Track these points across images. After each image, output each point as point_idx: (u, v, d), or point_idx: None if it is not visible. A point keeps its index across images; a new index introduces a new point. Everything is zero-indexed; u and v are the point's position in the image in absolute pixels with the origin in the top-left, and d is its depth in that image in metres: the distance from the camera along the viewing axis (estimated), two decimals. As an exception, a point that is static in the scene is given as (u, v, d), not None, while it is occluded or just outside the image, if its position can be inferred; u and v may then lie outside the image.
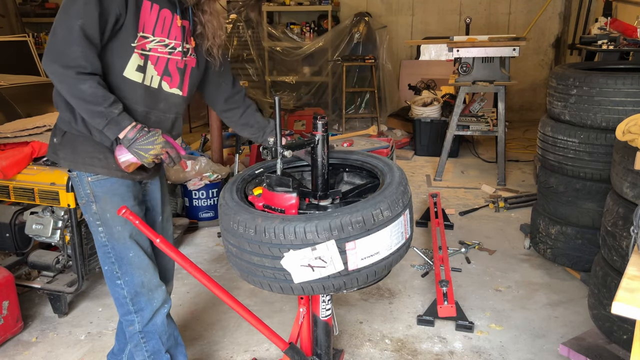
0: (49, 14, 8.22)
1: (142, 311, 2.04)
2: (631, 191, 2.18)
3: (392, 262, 1.68)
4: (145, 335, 2.07)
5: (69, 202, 2.70)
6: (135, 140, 1.77)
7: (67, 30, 1.69)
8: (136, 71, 1.84)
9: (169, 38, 1.88)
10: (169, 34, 1.87)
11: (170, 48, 1.89)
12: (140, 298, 2.02)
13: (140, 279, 2.01)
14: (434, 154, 5.87)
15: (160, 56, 1.88)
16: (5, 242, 2.94)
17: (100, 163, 1.89)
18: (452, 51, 4.90)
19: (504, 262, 3.50)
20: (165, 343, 2.12)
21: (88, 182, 1.92)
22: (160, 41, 1.86)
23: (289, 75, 7.87)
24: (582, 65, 3.61)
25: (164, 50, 1.88)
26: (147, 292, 2.03)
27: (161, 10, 1.85)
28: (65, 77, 1.70)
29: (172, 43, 1.89)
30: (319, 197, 1.83)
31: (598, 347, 2.37)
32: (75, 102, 1.75)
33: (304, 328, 2.06)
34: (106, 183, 1.92)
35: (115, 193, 1.94)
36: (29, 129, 2.83)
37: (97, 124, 1.76)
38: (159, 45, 1.86)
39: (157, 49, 1.86)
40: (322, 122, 1.79)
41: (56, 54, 1.70)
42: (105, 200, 1.93)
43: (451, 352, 2.59)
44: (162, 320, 2.09)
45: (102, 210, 1.94)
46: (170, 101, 1.96)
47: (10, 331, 2.70)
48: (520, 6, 7.66)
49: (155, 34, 1.84)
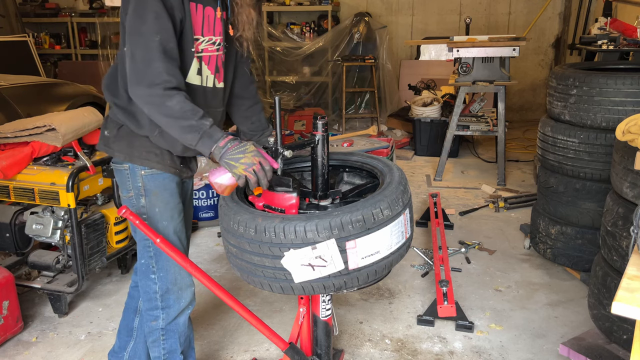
0: (49, 14, 8.23)
1: (169, 308, 2.03)
2: (631, 191, 2.18)
3: (392, 262, 1.68)
4: (167, 332, 2.07)
5: (69, 202, 2.70)
6: (227, 150, 1.68)
7: (145, 50, 1.66)
8: (196, 75, 1.84)
9: (215, 35, 1.86)
10: (214, 30, 1.85)
11: (217, 45, 1.88)
12: (170, 295, 2.02)
13: (174, 276, 2.01)
14: (434, 154, 5.87)
15: (211, 55, 1.87)
16: (5, 242, 2.94)
17: (156, 158, 1.90)
18: (452, 51, 4.90)
19: (504, 262, 3.50)
20: (182, 344, 2.12)
21: (141, 175, 1.91)
22: (209, 40, 1.84)
23: (289, 75, 7.86)
24: (582, 65, 3.61)
25: (213, 49, 1.87)
26: (177, 290, 2.03)
27: (205, 8, 1.81)
28: (152, 97, 1.67)
29: (217, 39, 1.87)
30: (319, 197, 1.84)
31: (598, 347, 2.37)
32: (166, 121, 1.70)
33: (304, 328, 2.07)
34: (159, 178, 1.92)
35: (166, 188, 1.94)
36: (29, 129, 2.82)
37: (190, 140, 1.70)
38: (209, 44, 1.85)
39: (207, 49, 1.85)
40: (322, 122, 1.79)
41: (139, 75, 1.66)
42: (155, 194, 1.93)
43: (451, 352, 2.59)
44: (184, 321, 2.10)
45: (151, 204, 1.94)
46: (219, 96, 1.97)
47: (10, 331, 2.70)
48: (520, 6, 7.66)
49: (204, 34, 1.82)
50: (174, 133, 1.73)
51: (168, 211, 1.96)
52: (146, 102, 1.69)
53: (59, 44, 8.42)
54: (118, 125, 1.91)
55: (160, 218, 1.95)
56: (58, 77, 7.12)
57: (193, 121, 1.68)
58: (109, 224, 3.03)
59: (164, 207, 1.95)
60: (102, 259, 2.99)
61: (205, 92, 1.89)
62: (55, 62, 8.04)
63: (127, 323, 2.28)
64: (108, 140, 1.95)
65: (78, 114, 2.99)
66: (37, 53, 6.16)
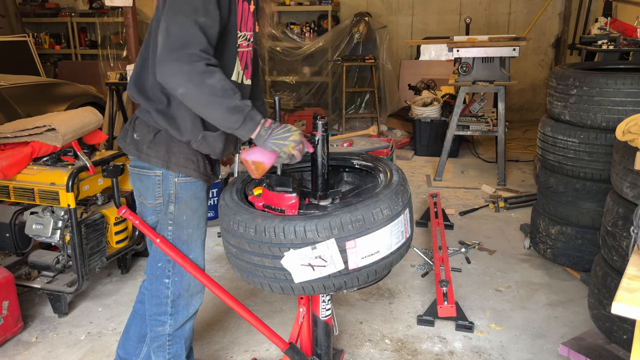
0: (49, 14, 8.23)
1: (178, 314, 2.00)
2: (631, 191, 2.18)
3: (392, 262, 1.68)
4: (173, 339, 2.03)
5: (69, 202, 2.70)
6: (273, 130, 1.62)
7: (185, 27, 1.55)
8: (237, 72, 1.81)
9: (249, 30, 1.79)
10: (247, 26, 1.78)
11: (249, 41, 1.82)
12: (180, 301, 1.98)
13: (188, 282, 1.97)
14: (434, 154, 5.87)
15: (245, 51, 1.81)
16: (5, 242, 2.94)
17: (193, 165, 1.85)
18: (452, 51, 4.90)
19: (504, 262, 3.50)
20: (187, 349, 2.10)
21: (175, 182, 1.86)
22: (243, 36, 1.78)
23: (289, 75, 7.86)
24: (582, 65, 3.61)
25: (246, 44, 1.80)
26: (188, 296, 2.00)
27: (243, 2, 1.74)
28: (192, 75, 1.53)
29: (249, 35, 1.81)
30: (319, 197, 1.83)
31: (598, 347, 2.37)
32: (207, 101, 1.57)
33: (304, 328, 2.06)
34: (192, 186, 1.88)
35: (197, 197, 1.91)
36: (29, 129, 2.82)
37: (234, 122, 1.60)
38: (244, 40, 1.78)
39: (242, 44, 1.78)
40: (322, 122, 1.79)
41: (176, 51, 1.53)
42: (186, 202, 1.89)
43: (451, 352, 2.59)
44: (190, 327, 2.08)
45: (180, 212, 1.89)
46: (246, 92, 1.91)
47: (10, 331, 2.70)
48: (520, 6, 7.66)
49: (242, 29, 1.76)
50: (216, 114, 1.60)
51: (196, 219, 1.93)
52: (185, 81, 1.54)
53: (59, 44, 8.42)
54: (155, 130, 1.83)
55: (186, 225, 1.91)
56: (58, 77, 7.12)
57: (237, 101, 1.58)
58: (109, 224, 3.03)
59: (192, 215, 1.91)
60: (102, 259, 2.99)
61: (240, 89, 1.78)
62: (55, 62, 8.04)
63: (139, 330, 2.19)
64: (139, 145, 1.85)
65: (78, 114, 2.99)
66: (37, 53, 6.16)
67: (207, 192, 1.99)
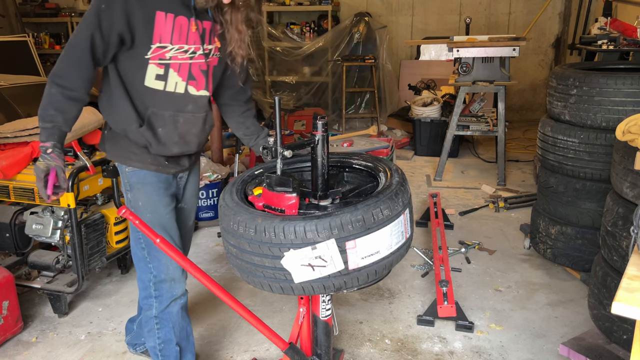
0: (49, 14, 8.22)
1: (162, 297, 2.13)
2: (631, 191, 2.18)
3: (392, 262, 1.68)
4: (160, 321, 2.16)
5: (69, 202, 2.70)
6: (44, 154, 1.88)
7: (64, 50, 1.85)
8: (156, 80, 1.92)
9: (188, 44, 1.91)
10: (187, 39, 1.90)
11: (191, 53, 1.93)
12: (162, 285, 2.12)
13: (167, 267, 2.10)
14: (434, 154, 5.87)
15: (182, 62, 1.93)
16: (5, 242, 2.94)
17: (136, 157, 2.03)
18: (452, 51, 4.90)
19: (504, 262, 3.50)
20: (177, 335, 2.19)
21: (125, 172, 2.07)
22: (179, 48, 1.90)
23: (289, 75, 7.86)
24: (582, 65, 3.61)
25: (185, 56, 1.92)
26: (170, 280, 2.12)
27: (177, 17, 1.87)
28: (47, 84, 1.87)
29: (191, 48, 1.92)
30: (319, 197, 1.84)
31: (598, 347, 2.37)
32: None
33: (304, 328, 2.06)
34: (139, 174, 2.05)
35: (147, 182, 2.06)
36: (29, 129, 2.82)
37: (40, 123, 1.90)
38: (179, 52, 1.91)
39: (177, 56, 1.91)
40: (322, 122, 1.79)
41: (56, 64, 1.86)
42: (138, 189, 2.07)
43: (451, 352, 2.59)
44: (177, 311, 2.17)
45: (135, 198, 2.08)
46: (199, 103, 2.04)
47: (10, 331, 2.70)
48: (520, 6, 7.66)
49: (174, 42, 1.88)
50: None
51: (151, 205, 2.06)
52: None
53: (59, 44, 8.41)
54: (108, 128, 2.08)
55: (144, 211, 2.06)
56: (58, 77, 7.10)
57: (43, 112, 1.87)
58: (109, 224, 3.03)
59: (147, 201, 2.06)
60: (102, 259, 2.99)
61: (173, 97, 1.96)
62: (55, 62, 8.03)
63: None
64: (103, 140, 2.12)
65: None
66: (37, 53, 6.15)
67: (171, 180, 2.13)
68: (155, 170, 2.05)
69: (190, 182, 2.27)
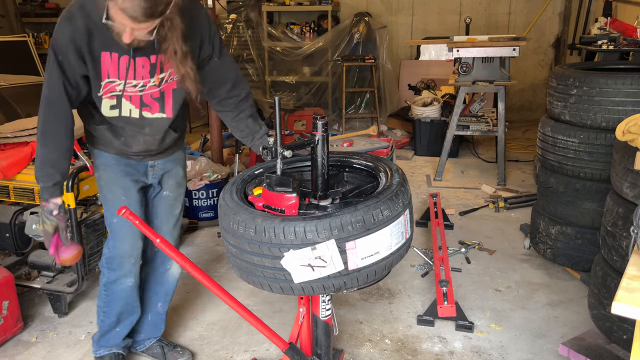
0: (49, 14, 8.22)
1: (111, 271, 2.32)
2: (631, 191, 2.18)
3: (392, 262, 1.68)
4: (107, 291, 2.36)
5: (68, 202, 2.69)
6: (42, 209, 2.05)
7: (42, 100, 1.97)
8: (111, 109, 2.04)
9: (136, 79, 1.99)
10: (134, 75, 1.99)
11: (140, 87, 2.01)
12: (113, 260, 2.30)
13: (117, 246, 2.28)
14: (434, 154, 5.87)
15: (133, 95, 2.02)
16: (5, 242, 2.94)
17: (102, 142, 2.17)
18: (452, 51, 4.90)
19: (504, 262, 3.50)
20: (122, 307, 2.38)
21: (93, 152, 2.24)
22: (128, 83, 1.99)
23: (289, 75, 7.86)
24: (582, 65, 3.61)
25: (135, 90, 2.02)
26: (120, 258, 2.29)
27: (121, 57, 1.95)
28: None
29: (139, 82, 2.01)
30: (319, 197, 1.83)
31: (598, 347, 2.37)
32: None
33: (304, 328, 2.06)
34: (103, 155, 2.20)
35: (108, 164, 2.20)
36: (29, 129, 2.82)
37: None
38: (128, 86, 2.00)
39: (127, 90, 2.01)
40: (322, 122, 1.79)
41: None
42: (101, 169, 2.22)
43: (451, 352, 2.59)
44: (124, 288, 2.34)
45: (98, 178, 2.25)
46: (155, 125, 2.12)
47: (10, 331, 2.70)
48: (520, 6, 7.66)
49: (121, 78, 1.98)
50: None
51: (109, 185, 2.21)
52: None
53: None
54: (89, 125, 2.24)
55: (105, 191, 2.25)
56: (58, 77, 7.10)
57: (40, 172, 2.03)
58: (109, 224, 3.03)
59: (107, 181, 2.22)
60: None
61: (130, 121, 2.07)
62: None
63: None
64: None
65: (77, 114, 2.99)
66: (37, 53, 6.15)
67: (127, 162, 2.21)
68: (115, 153, 2.18)
69: (172, 171, 2.35)
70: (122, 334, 2.45)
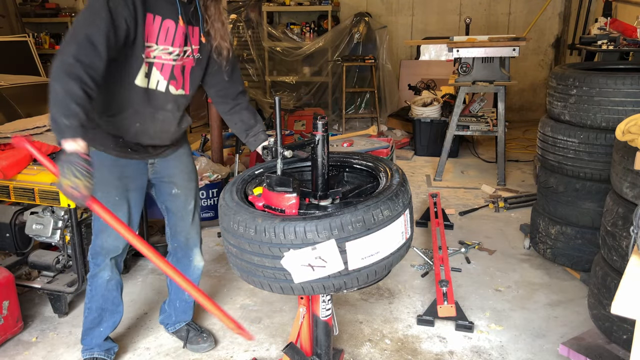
0: (49, 14, 8.22)
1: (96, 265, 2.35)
2: (631, 191, 2.18)
3: (392, 262, 1.68)
4: (91, 284, 2.39)
5: (69, 202, 2.70)
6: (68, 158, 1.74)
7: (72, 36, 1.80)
8: (144, 77, 2.03)
9: (173, 46, 2.03)
10: (172, 42, 2.03)
11: (175, 55, 2.06)
12: (98, 256, 2.34)
13: (101, 242, 2.30)
14: (434, 154, 5.87)
15: (165, 63, 2.05)
16: (5, 242, 2.94)
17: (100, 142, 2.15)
18: (452, 51, 4.90)
19: (504, 262, 3.50)
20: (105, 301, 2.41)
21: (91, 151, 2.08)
22: (164, 49, 2.02)
23: (289, 75, 7.86)
24: (582, 65, 3.61)
25: (169, 58, 2.04)
26: (104, 253, 2.33)
27: (164, 20, 1.99)
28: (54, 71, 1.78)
29: (175, 50, 2.05)
30: (319, 197, 1.84)
31: (598, 347, 2.37)
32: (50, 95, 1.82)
33: (304, 328, 2.06)
34: (100, 155, 2.16)
35: (103, 165, 2.16)
36: (29, 129, 2.83)
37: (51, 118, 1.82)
38: (163, 52, 2.02)
39: (162, 57, 2.03)
40: (322, 122, 1.79)
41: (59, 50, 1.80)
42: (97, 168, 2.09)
43: (451, 352, 2.59)
44: (101, 282, 2.38)
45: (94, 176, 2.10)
46: (177, 102, 2.16)
47: (10, 331, 2.70)
48: (520, 6, 7.66)
49: (159, 43, 2.00)
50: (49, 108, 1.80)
51: (102, 185, 2.15)
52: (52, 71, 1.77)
53: (59, 44, 8.40)
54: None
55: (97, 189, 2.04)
56: (58, 77, 7.10)
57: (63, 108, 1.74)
58: (109, 224, 3.03)
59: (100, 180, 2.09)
60: (102, 259, 2.99)
61: (149, 94, 2.07)
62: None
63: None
64: None
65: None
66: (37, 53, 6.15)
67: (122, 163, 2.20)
68: (116, 155, 2.17)
69: (178, 167, 2.38)
70: (104, 334, 2.46)
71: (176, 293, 2.64)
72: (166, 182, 2.38)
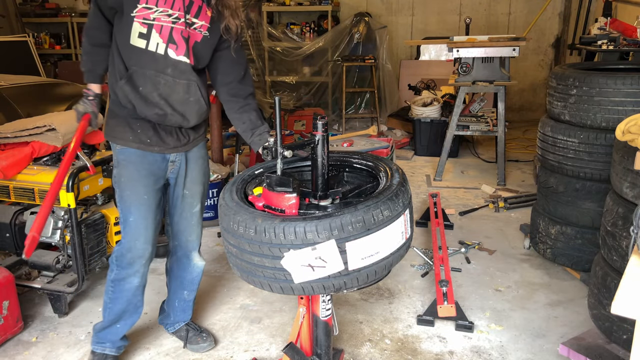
0: (49, 14, 8.22)
1: (120, 269, 2.33)
2: (631, 191, 2.18)
3: (392, 262, 1.68)
4: (114, 287, 2.37)
5: (69, 202, 2.70)
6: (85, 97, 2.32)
7: None
8: (139, 38, 2.10)
9: (172, 9, 2.10)
10: (172, 5, 2.09)
11: (174, 18, 2.10)
12: (123, 258, 2.31)
13: (129, 244, 2.29)
14: (434, 154, 5.87)
15: (164, 25, 2.10)
16: (5, 242, 2.94)
17: (120, 135, 2.24)
18: (452, 51, 4.90)
19: (503, 262, 3.50)
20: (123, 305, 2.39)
21: (115, 149, 2.27)
22: (163, 11, 2.09)
23: (289, 75, 7.86)
24: (582, 65, 3.61)
25: (168, 20, 2.10)
26: (130, 256, 2.30)
27: None
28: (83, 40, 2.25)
29: (175, 13, 2.10)
30: (319, 197, 1.84)
31: (598, 347, 2.37)
32: None
33: (304, 328, 2.07)
34: (126, 151, 2.24)
35: (130, 161, 2.24)
36: (29, 129, 2.83)
37: None
38: (162, 14, 2.09)
39: (161, 18, 2.09)
40: (322, 122, 1.79)
41: None
42: (122, 166, 2.26)
43: (451, 352, 2.59)
44: (129, 287, 2.36)
45: (119, 174, 2.27)
46: (178, 68, 2.15)
47: (11, 331, 2.70)
48: (520, 6, 7.66)
49: (159, 5, 2.08)
50: None
51: (131, 183, 2.24)
52: None
53: (59, 44, 8.42)
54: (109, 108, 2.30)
55: (124, 187, 2.26)
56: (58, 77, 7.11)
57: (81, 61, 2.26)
58: (109, 224, 3.03)
59: (128, 177, 2.25)
60: (102, 259, 2.99)
61: (155, 57, 2.12)
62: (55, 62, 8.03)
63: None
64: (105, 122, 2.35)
65: None
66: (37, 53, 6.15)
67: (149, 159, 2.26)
68: (137, 147, 2.22)
69: (191, 169, 2.40)
70: (121, 332, 2.46)
71: (174, 292, 2.64)
72: (180, 182, 2.40)
